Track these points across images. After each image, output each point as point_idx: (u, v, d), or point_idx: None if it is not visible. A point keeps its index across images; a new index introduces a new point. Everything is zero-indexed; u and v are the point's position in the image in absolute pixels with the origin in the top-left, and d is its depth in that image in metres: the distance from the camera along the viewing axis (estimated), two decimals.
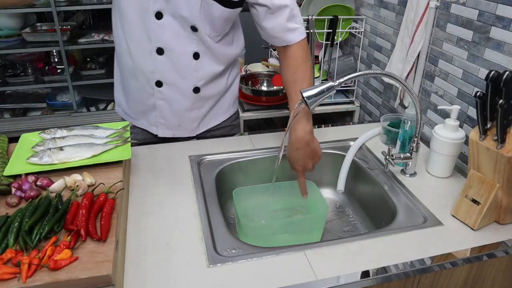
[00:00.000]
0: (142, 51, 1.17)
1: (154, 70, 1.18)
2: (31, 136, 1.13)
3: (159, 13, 1.10)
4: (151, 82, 1.21)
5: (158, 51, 1.15)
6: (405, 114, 1.18)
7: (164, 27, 1.12)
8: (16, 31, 2.82)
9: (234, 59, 1.31)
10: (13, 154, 1.05)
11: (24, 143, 1.10)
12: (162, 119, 1.28)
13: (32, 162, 1.01)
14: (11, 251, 0.74)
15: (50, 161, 1.01)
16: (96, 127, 1.16)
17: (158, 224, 0.96)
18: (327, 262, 0.86)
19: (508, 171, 0.90)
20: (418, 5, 1.35)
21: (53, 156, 1.02)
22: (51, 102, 3.00)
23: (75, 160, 1.03)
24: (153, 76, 1.20)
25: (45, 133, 1.12)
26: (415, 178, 1.17)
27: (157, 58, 1.16)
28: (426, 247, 0.90)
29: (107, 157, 1.05)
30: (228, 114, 1.40)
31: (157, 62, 1.17)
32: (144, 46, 1.15)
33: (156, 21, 1.11)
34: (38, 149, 1.05)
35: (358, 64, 1.88)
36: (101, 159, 1.04)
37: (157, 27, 1.12)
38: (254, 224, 1.13)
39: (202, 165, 1.21)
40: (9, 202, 0.88)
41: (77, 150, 1.04)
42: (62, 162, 1.02)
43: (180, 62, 1.18)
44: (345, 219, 1.26)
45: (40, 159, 1.01)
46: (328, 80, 1.04)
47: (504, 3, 1.06)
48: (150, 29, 1.12)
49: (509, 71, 0.82)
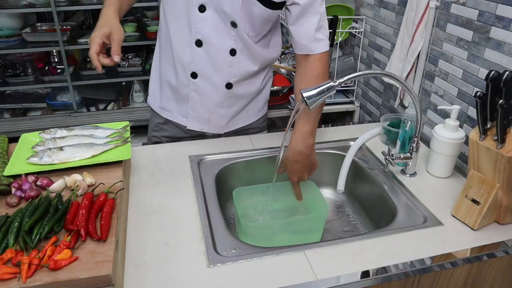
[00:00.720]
0: (182, 41, 1.20)
1: (191, 61, 1.22)
2: (31, 136, 1.13)
3: (202, 6, 1.13)
4: (187, 73, 1.24)
5: (197, 43, 1.19)
6: (405, 114, 1.18)
7: (206, 20, 1.15)
8: (16, 31, 2.81)
9: (270, 62, 1.33)
10: (13, 154, 1.05)
11: (24, 143, 1.10)
12: (193, 111, 1.31)
13: (32, 162, 1.01)
14: (11, 251, 0.74)
15: (50, 161, 1.01)
16: (96, 127, 1.16)
17: (158, 224, 0.96)
18: (327, 262, 0.86)
19: (508, 171, 0.90)
20: (418, 5, 1.35)
21: (53, 156, 1.02)
22: (51, 102, 3.00)
23: (75, 160, 1.03)
24: (189, 67, 1.23)
25: (45, 133, 1.13)
26: (415, 178, 1.17)
27: (196, 50, 1.20)
28: (426, 247, 0.90)
29: (107, 157, 1.05)
30: (257, 116, 1.43)
31: (195, 53, 1.20)
32: (185, 37, 1.19)
33: (198, 13, 1.14)
34: (38, 149, 1.05)
35: (358, 64, 1.88)
36: (101, 159, 1.04)
37: (199, 19, 1.15)
38: (254, 224, 1.12)
39: (202, 165, 1.21)
40: (9, 202, 0.88)
41: (77, 150, 1.05)
42: (62, 162, 1.02)
43: (217, 56, 1.21)
44: (345, 219, 1.26)
45: (40, 159, 1.01)
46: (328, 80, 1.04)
47: (504, 3, 1.06)
48: (192, 20, 1.16)
49: (509, 71, 0.82)
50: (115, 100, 3.10)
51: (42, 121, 2.92)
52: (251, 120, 1.41)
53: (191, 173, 1.16)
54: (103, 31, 1.03)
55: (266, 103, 1.44)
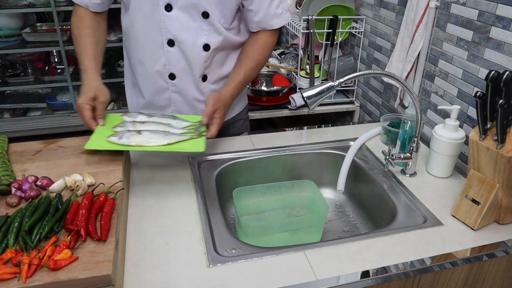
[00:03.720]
0: (153, 44, 1.20)
1: (167, 63, 1.22)
2: (113, 116, 1.17)
3: (169, 5, 1.14)
4: (165, 75, 1.25)
5: (169, 43, 1.19)
6: (405, 114, 1.18)
7: (174, 19, 1.16)
8: (16, 31, 2.82)
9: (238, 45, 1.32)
10: (95, 132, 1.09)
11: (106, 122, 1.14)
12: (178, 113, 1.31)
13: (111, 141, 1.05)
14: (11, 251, 0.74)
15: (127, 142, 1.05)
16: (174, 117, 1.18)
17: (158, 224, 0.96)
18: (327, 262, 0.86)
19: (508, 171, 0.90)
20: (418, 5, 1.35)
21: (131, 138, 1.06)
22: (51, 102, 3.00)
23: (150, 146, 1.06)
24: (165, 69, 1.23)
25: (126, 115, 1.17)
26: (415, 178, 1.17)
27: (169, 50, 1.20)
28: (426, 247, 0.90)
29: (181, 147, 1.07)
30: (240, 106, 1.44)
31: (169, 54, 1.21)
32: (156, 39, 1.19)
33: (165, 13, 1.15)
34: (118, 130, 1.09)
35: (358, 64, 1.88)
36: (175, 148, 1.07)
37: (167, 19, 1.15)
38: (254, 224, 1.12)
39: (202, 165, 1.21)
40: (9, 202, 0.88)
41: (153, 136, 1.08)
42: (138, 145, 1.06)
43: (190, 54, 1.21)
44: (345, 219, 1.26)
45: (119, 139, 1.06)
46: (328, 80, 1.04)
47: (504, 3, 1.06)
48: (161, 21, 1.16)
49: (509, 71, 0.82)
50: (115, 100, 3.10)
51: (42, 121, 2.92)
52: (236, 111, 1.42)
53: (191, 173, 1.16)
54: (89, 95, 1.08)
55: (246, 92, 1.45)
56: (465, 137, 1.12)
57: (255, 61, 1.26)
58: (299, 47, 1.87)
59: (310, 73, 1.84)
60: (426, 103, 1.41)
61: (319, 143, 1.33)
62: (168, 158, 1.23)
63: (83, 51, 1.16)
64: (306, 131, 1.42)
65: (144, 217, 0.99)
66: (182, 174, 1.16)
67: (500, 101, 0.85)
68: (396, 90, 1.57)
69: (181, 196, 1.07)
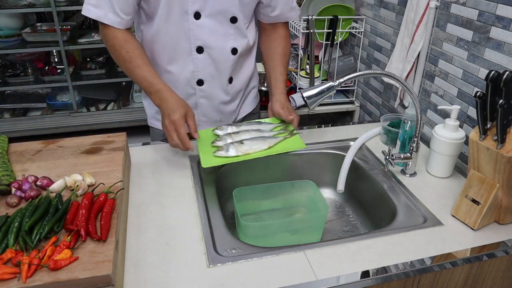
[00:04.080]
0: (182, 52, 1.21)
1: (195, 69, 1.24)
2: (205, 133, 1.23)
3: (197, 13, 1.14)
4: (193, 82, 1.26)
5: (198, 49, 1.20)
6: (405, 114, 1.18)
7: (203, 26, 1.17)
8: (16, 31, 2.81)
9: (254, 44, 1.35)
10: (199, 150, 1.16)
11: (201, 140, 1.19)
12: (204, 117, 1.33)
13: (220, 155, 1.13)
14: (11, 251, 0.74)
15: (235, 153, 1.14)
16: (259, 123, 1.27)
17: (158, 224, 0.96)
18: (327, 262, 0.86)
19: (508, 171, 0.90)
20: (418, 5, 1.35)
21: (238, 148, 1.14)
22: (51, 102, 3.00)
23: (256, 152, 1.15)
24: (194, 76, 1.25)
25: (218, 129, 1.23)
26: (415, 178, 1.17)
27: (198, 57, 1.21)
28: (426, 247, 0.90)
29: (283, 147, 1.16)
30: (256, 100, 1.49)
31: (197, 61, 1.22)
32: (184, 47, 1.20)
33: (194, 21, 1.16)
34: (220, 144, 1.17)
35: (358, 64, 1.88)
36: (277, 150, 1.16)
37: (196, 26, 1.16)
38: (254, 224, 1.12)
39: None
40: (9, 202, 0.88)
41: (255, 143, 1.16)
42: (244, 154, 1.14)
43: (219, 58, 1.23)
44: (345, 219, 1.26)
45: (227, 151, 1.14)
46: (328, 80, 1.04)
47: (504, 3, 1.06)
48: (190, 29, 1.16)
49: (509, 71, 0.82)
50: (115, 100, 3.10)
51: (42, 121, 2.92)
52: (253, 105, 1.46)
53: (191, 173, 1.16)
54: (182, 112, 1.09)
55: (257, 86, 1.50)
56: (465, 137, 1.12)
57: (287, 55, 1.35)
58: (299, 47, 1.87)
59: (310, 73, 1.84)
60: (426, 103, 1.41)
61: (319, 143, 1.33)
62: (168, 158, 1.23)
63: (147, 73, 1.13)
64: (306, 131, 1.42)
65: (144, 217, 0.99)
66: (182, 174, 1.16)
67: (500, 101, 0.85)
68: (396, 90, 1.57)
69: (181, 196, 1.07)
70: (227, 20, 1.18)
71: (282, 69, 1.31)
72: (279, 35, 1.33)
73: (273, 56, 1.33)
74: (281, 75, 1.31)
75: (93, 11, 1.11)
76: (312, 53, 1.79)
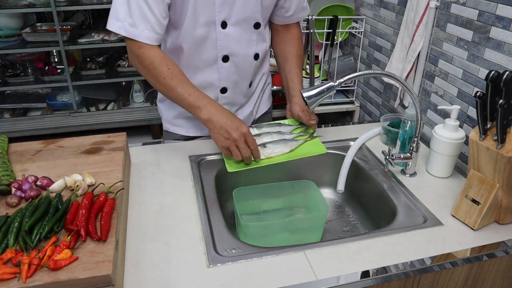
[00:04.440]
0: (207, 61, 1.20)
1: (219, 78, 1.24)
2: None
3: (224, 22, 1.14)
4: (216, 91, 1.27)
5: (224, 58, 1.20)
6: (405, 114, 1.18)
7: (230, 35, 1.17)
8: (16, 31, 2.81)
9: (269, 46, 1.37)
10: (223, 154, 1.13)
11: None
12: None
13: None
14: (11, 251, 0.74)
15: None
16: (279, 124, 1.26)
17: (158, 224, 0.96)
18: (327, 262, 0.86)
19: (508, 171, 0.90)
20: (418, 5, 1.35)
21: (261, 152, 1.12)
22: (51, 102, 3.00)
23: (277, 155, 1.14)
24: (218, 84, 1.25)
25: None
26: (415, 178, 1.17)
27: (223, 66, 1.21)
28: (426, 247, 0.90)
29: (305, 152, 1.16)
30: (270, 98, 1.49)
31: (222, 69, 1.22)
32: (209, 56, 1.19)
33: (221, 30, 1.15)
34: None
35: (358, 64, 1.88)
36: (299, 155, 1.14)
37: (223, 36, 1.16)
38: (254, 224, 1.12)
39: (202, 165, 1.21)
40: (9, 202, 0.88)
41: (277, 146, 1.15)
42: (267, 158, 1.13)
43: (243, 65, 1.24)
44: (345, 219, 1.26)
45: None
46: (328, 80, 1.04)
47: (504, 3, 1.06)
48: (217, 38, 1.16)
49: (509, 71, 0.82)
50: (115, 100, 3.10)
51: (42, 121, 2.92)
52: (268, 104, 1.47)
53: (191, 173, 1.16)
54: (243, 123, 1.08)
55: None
56: (465, 137, 1.12)
57: (301, 56, 1.35)
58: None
59: (310, 73, 1.84)
60: (426, 103, 1.41)
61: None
62: (168, 158, 1.23)
63: (192, 88, 1.09)
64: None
65: (144, 217, 0.99)
66: (182, 174, 1.16)
67: (500, 101, 0.85)
68: (396, 90, 1.57)
69: (181, 196, 1.07)
70: (250, 26, 1.19)
71: (298, 70, 1.32)
72: (292, 36, 1.33)
73: (288, 58, 1.33)
74: (297, 77, 1.31)
75: (129, 30, 1.06)
76: (312, 53, 1.79)
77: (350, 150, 1.27)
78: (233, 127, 1.05)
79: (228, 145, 1.06)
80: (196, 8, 1.10)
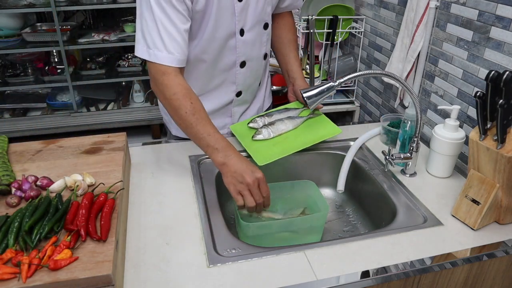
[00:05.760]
0: (225, 68, 1.22)
1: (235, 82, 1.26)
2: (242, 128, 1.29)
3: (242, 29, 1.16)
4: (232, 95, 1.29)
5: (241, 64, 1.22)
6: (405, 114, 1.18)
7: (247, 42, 1.19)
8: (16, 31, 2.81)
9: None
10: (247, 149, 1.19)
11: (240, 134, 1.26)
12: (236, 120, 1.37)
13: (258, 139, 1.22)
14: (11, 251, 0.74)
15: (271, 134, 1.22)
16: (287, 109, 1.32)
17: (158, 224, 0.96)
18: (327, 262, 0.86)
19: (508, 171, 0.90)
20: (418, 5, 1.35)
21: (270, 128, 1.22)
22: (51, 102, 3.00)
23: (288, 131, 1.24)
24: (235, 88, 1.27)
25: (252, 122, 1.28)
26: (415, 178, 1.17)
27: (240, 71, 1.24)
28: (426, 247, 0.90)
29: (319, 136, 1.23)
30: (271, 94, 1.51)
31: (239, 74, 1.24)
32: (227, 63, 1.21)
33: (240, 38, 1.17)
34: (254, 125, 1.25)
35: (358, 64, 1.88)
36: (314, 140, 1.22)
37: (242, 43, 1.18)
38: (254, 224, 1.12)
39: (202, 165, 1.21)
40: (9, 202, 0.88)
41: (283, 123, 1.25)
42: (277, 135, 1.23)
43: (256, 67, 1.27)
44: (345, 219, 1.26)
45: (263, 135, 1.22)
46: (328, 80, 1.04)
47: (504, 3, 1.06)
48: (236, 46, 1.18)
49: (509, 71, 0.82)
50: (115, 100, 3.10)
51: (42, 121, 2.92)
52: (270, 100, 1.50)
53: (191, 173, 1.16)
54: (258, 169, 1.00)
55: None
56: (465, 137, 1.12)
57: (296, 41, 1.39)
58: (299, 47, 1.87)
59: (310, 73, 1.84)
60: (426, 103, 1.41)
61: (319, 143, 1.33)
62: (168, 158, 1.23)
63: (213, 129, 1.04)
64: None
65: (144, 217, 0.99)
66: (182, 174, 1.16)
67: (500, 101, 0.85)
68: (396, 90, 1.57)
69: (181, 196, 1.07)
70: (261, 28, 1.21)
71: (295, 53, 1.35)
72: (287, 22, 1.36)
73: (285, 42, 1.35)
74: (296, 60, 1.34)
75: (159, 55, 1.04)
76: (312, 53, 1.79)
77: (350, 150, 1.27)
78: (248, 171, 0.98)
79: (241, 190, 0.99)
80: (217, 20, 1.11)
